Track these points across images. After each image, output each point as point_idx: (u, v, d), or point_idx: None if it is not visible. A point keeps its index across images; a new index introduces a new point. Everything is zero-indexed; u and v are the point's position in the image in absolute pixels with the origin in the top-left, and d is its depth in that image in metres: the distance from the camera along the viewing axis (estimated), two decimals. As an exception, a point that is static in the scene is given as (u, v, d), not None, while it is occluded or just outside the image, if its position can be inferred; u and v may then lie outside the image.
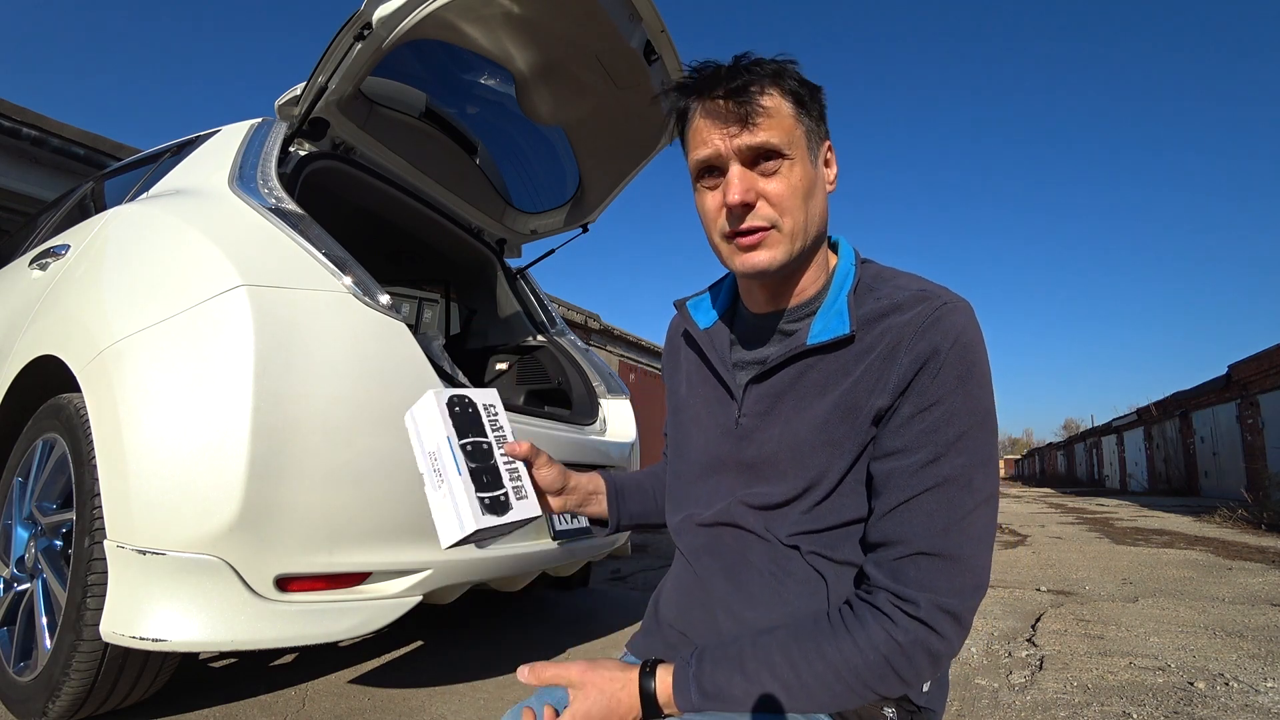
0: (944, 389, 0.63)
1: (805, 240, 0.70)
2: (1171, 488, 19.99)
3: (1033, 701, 1.88)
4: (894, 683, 0.61)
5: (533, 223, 2.85)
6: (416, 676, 1.93)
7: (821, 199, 0.71)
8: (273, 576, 1.26)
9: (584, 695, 0.63)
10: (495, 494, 0.72)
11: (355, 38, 1.67)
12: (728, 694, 0.62)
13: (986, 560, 0.63)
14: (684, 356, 0.86)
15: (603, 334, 10.49)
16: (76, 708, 1.33)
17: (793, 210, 0.68)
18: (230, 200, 1.55)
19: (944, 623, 0.60)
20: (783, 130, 0.67)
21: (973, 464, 0.63)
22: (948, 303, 0.66)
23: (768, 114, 0.67)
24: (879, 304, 0.69)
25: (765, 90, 0.67)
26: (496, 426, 0.77)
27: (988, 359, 0.67)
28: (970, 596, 0.61)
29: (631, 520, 0.99)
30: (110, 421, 1.29)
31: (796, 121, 0.68)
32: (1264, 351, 13.61)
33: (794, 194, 0.68)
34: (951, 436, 0.63)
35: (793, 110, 0.68)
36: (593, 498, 0.94)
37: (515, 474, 0.76)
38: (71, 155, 4.56)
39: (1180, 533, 7.12)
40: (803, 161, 0.68)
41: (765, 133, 0.67)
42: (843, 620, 0.62)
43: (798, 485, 0.69)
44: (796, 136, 0.68)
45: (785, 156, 0.67)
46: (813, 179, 0.69)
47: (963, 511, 0.62)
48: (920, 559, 0.61)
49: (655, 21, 1.89)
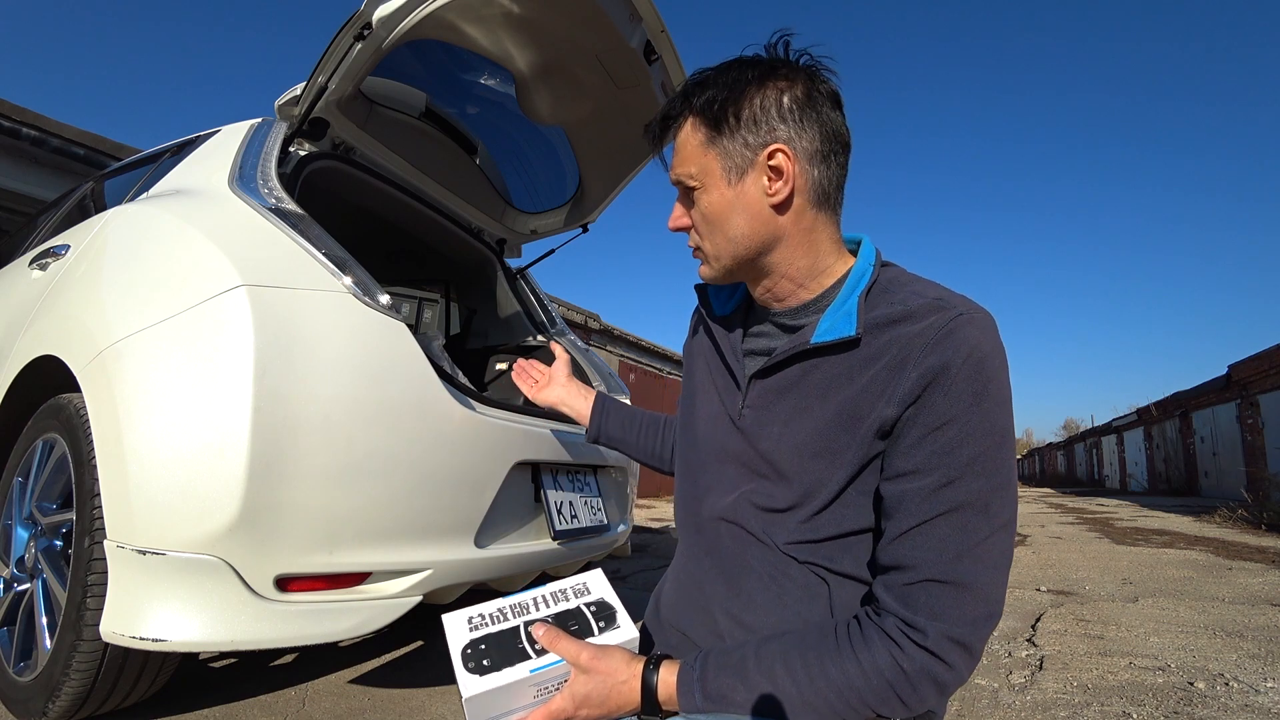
0: (958, 407, 0.61)
1: (732, 260, 0.72)
2: (1171, 488, 20.00)
3: (1033, 701, 1.88)
4: (896, 707, 0.60)
5: (533, 223, 2.85)
6: (416, 676, 1.93)
7: (747, 217, 0.70)
8: (273, 576, 1.26)
9: (587, 678, 0.64)
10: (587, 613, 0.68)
11: (355, 38, 1.67)
12: (730, 700, 0.62)
13: (1001, 588, 0.61)
14: (700, 341, 0.88)
15: (603, 334, 10.49)
16: (76, 708, 1.33)
17: (708, 234, 0.73)
18: (230, 200, 1.55)
19: (952, 653, 0.58)
20: (691, 161, 0.71)
21: (990, 487, 0.60)
22: (963, 314, 0.63)
23: (680, 149, 0.72)
24: (891, 309, 0.66)
25: (680, 122, 0.72)
26: (496, 621, 0.68)
27: (1007, 374, 0.64)
28: (982, 626, 0.59)
29: (609, 440, 1.15)
30: (110, 421, 1.29)
31: (706, 149, 0.70)
32: (1264, 351, 13.61)
33: (705, 221, 0.72)
34: (966, 458, 0.60)
35: (703, 137, 0.70)
36: (582, 398, 1.18)
37: (560, 596, 0.71)
38: (71, 155, 4.56)
39: (1180, 533, 7.12)
40: (715, 187, 0.70)
41: (678, 168, 0.73)
42: (849, 639, 0.61)
43: (796, 491, 0.68)
44: (706, 164, 0.70)
45: (692, 188, 0.72)
46: (726, 202, 0.70)
47: (978, 538, 0.59)
48: (931, 586, 0.59)
49: (655, 21, 1.89)
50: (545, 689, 0.64)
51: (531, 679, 0.63)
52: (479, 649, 0.64)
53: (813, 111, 0.68)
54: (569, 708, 0.63)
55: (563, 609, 0.69)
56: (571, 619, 0.68)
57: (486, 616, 0.68)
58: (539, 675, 0.63)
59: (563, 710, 0.63)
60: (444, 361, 1.97)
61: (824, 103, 0.69)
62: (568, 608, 0.69)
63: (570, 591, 0.71)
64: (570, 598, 0.70)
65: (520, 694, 0.63)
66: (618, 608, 0.70)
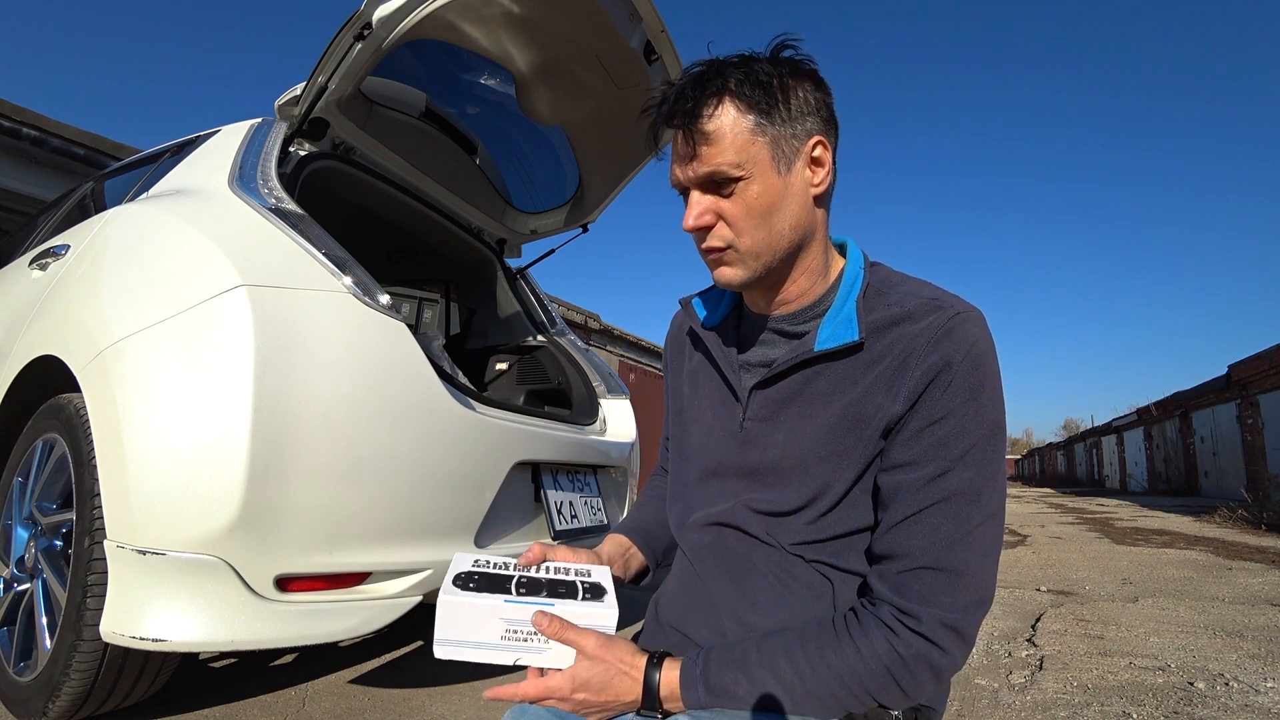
0: (955, 402, 0.63)
1: (772, 256, 0.68)
2: (1171, 488, 20.00)
3: (1033, 701, 1.88)
4: (895, 694, 0.61)
5: (533, 223, 2.85)
6: (416, 676, 1.93)
7: (795, 208, 0.68)
8: (273, 576, 1.26)
9: (590, 664, 0.63)
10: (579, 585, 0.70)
11: (355, 38, 1.67)
12: (733, 693, 0.62)
13: (992, 574, 0.63)
14: (688, 355, 0.85)
15: (603, 334, 10.49)
16: (76, 708, 1.33)
17: (749, 230, 0.67)
18: (230, 200, 1.55)
19: (946, 637, 0.60)
20: (734, 149, 0.66)
21: (981, 477, 0.62)
22: (960, 312, 0.65)
23: (716, 138, 0.66)
24: (889, 311, 0.67)
25: (716, 109, 0.66)
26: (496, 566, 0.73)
27: (999, 370, 0.66)
28: (974, 611, 0.61)
29: (669, 553, 0.92)
30: (110, 421, 1.29)
31: (754, 135, 0.65)
32: (1264, 351, 13.61)
33: (749, 214, 0.67)
34: (960, 450, 0.62)
35: (750, 124, 0.65)
36: (628, 559, 0.89)
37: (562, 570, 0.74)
38: (71, 155, 4.56)
39: (1180, 533, 7.12)
40: (762, 177, 0.66)
41: (714, 159, 0.66)
42: (847, 628, 0.62)
43: (802, 495, 0.68)
44: (753, 152, 0.66)
45: (737, 178, 0.66)
46: (777, 192, 0.66)
47: (969, 526, 0.61)
48: (924, 573, 0.61)
49: (655, 21, 1.89)
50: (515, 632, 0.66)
51: (503, 610, 0.65)
52: (471, 576, 0.69)
53: (830, 112, 0.70)
54: (566, 687, 0.63)
55: (560, 578, 0.72)
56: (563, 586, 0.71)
57: (491, 562, 0.74)
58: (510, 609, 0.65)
59: (560, 689, 0.63)
60: (444, 361, 1.97)
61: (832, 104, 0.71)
62: (565, 578, 0.72)
63: (574, 570, 0.75)
64: (571, 575, 0.74)
65: (487, 623, 0.65)
66: (609, 589, 0.72)
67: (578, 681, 0.63)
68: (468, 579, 0.68)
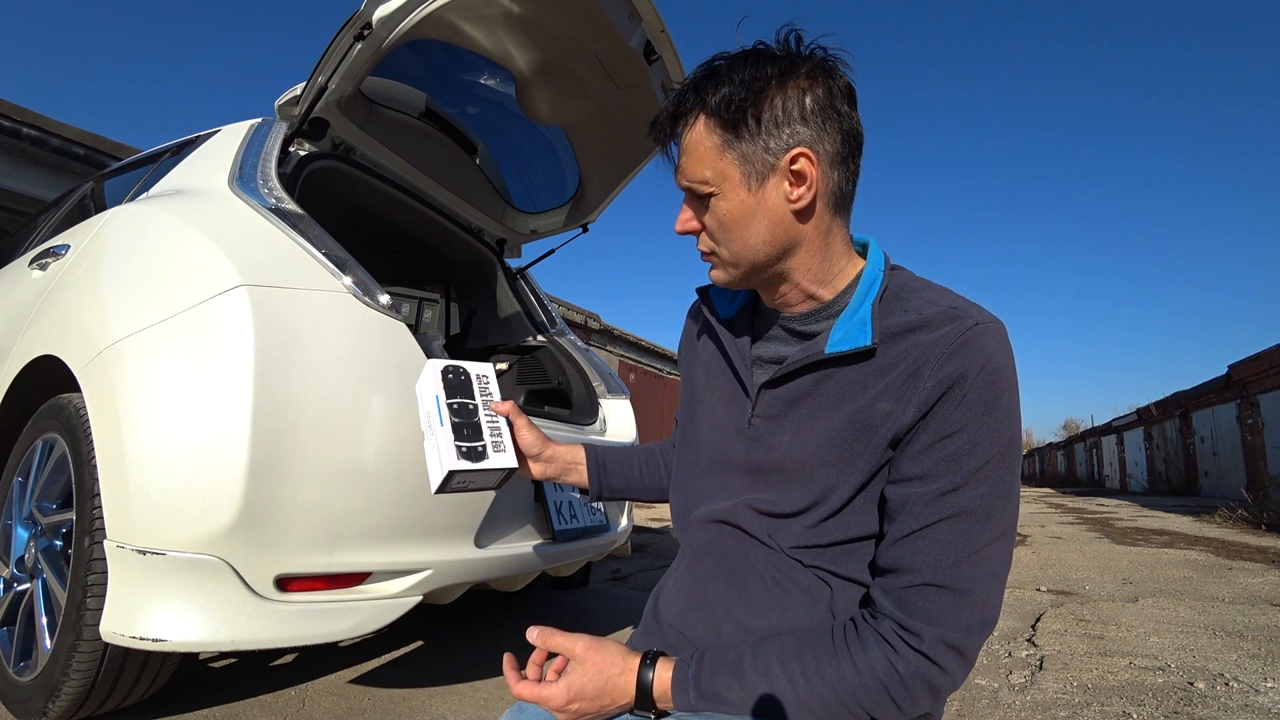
0: (969, 416, 0.61)
1: (750, 266, 0.69)
2: (1171, 488, 20.01)
3: (1033, 701, 1.88)
4: (891, 710, 0.60)
5: (533, 223, 2.85)
6: (416, 676, 1.93)
7: (767, 224, 0.66)
8: (273, 576, 1.26)
9: (582, 670, 0.63)
10: (474, 444, 0.85)
11: (355, 38, 1.67)
12: (725, 699, 0.61)
13: (998, 595, 0.61)
14: (703, 345, 0.85)
15: (603, 334, 10.49)
16: (76, 708, 1.33)
17: (725, 240, 0.69)
18: (230, 200, 1.55)
19: (947, 657, 0.58)
20: (704, 166, 0.66)
21: (993, 495, 0.60)
22: (979, 323, 0.63)
23: (691, 151, 0.67)
24: (905, 318, 0.65)
25: (692, 123, 0.67)
26: (486, 393, 0.90)
27: (1017, 384, 0.64)
28: (977, 631, 0.60)
29: (613, 493, 1.03)
30: (110, 421, 1.29)
31: (722, 152, 0.65)
32: (1264, 351, 13.61)
33: (721, 228, 0.68)
34: (973, 466, 0.60)
35: (717, 141, 0.65)
36: (573, 468, 0.98)
37: (497, 432, 0.88)
38: (71, 155, 4.56)
39: (1180, 533, 7.12)
40: (731, 193, 0.66)
41: (688, 173, 0.68)
42: (845, 640, 0.61)
43: (805, 498, 0.67)
44: (721, 168, 0.66)
45: (709, 193, 0.67)
46: (746, 209, 0.66)
47: (978, 544, 0.60)
48: (929, 590, 0.59)
49: (655, 21, 1.89)
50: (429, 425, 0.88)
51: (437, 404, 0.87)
52: (456, 371, 0.91)
53: (833, 111, 0.66)
54: (562, 698, 0.63)
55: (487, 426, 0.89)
56: (477, 435, 0.87)
57: (477, 378, 0.93)
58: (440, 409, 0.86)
59: (555, 698, 0.63)
60: (444, 361, 1.97)
61: (842, 100, 0.66)
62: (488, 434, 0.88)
63: (505, 436, 0.90)
64: (500, 436, 0.89)
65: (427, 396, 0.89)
66: (493, 467, 0.87)
67: (573, 691, 0.63)
68: (455, 371, 0.90)
